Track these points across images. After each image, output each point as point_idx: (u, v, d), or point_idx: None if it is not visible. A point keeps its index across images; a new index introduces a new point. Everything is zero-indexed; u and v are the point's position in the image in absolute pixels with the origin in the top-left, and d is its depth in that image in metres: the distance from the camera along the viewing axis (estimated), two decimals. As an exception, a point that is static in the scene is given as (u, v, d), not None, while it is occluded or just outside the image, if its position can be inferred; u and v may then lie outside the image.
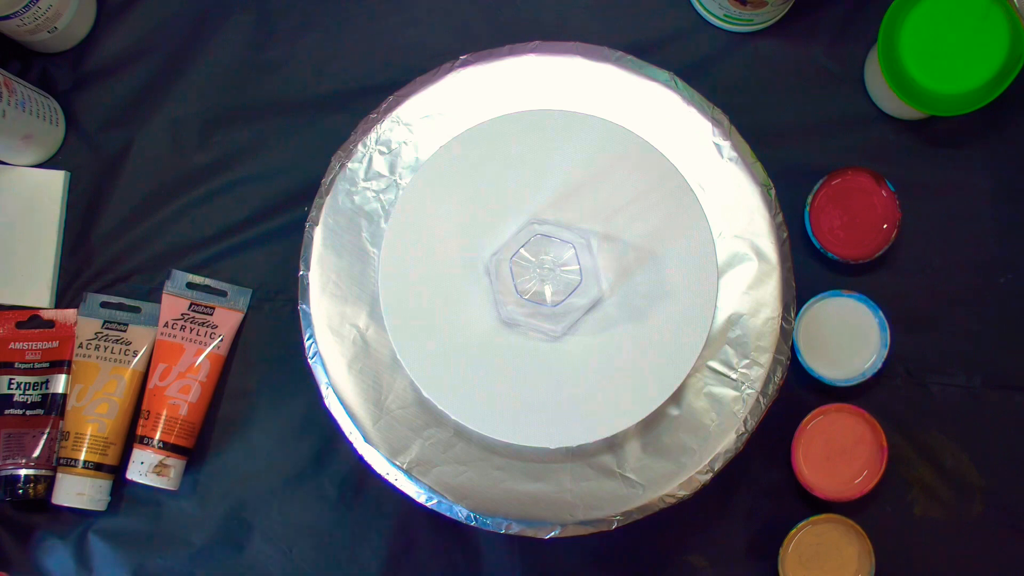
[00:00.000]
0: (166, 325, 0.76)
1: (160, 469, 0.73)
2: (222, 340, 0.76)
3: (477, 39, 0.75)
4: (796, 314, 0.70)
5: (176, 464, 0.74)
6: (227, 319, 0.77)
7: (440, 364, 0.65)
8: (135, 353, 0.76)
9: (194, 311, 0.76)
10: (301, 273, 0.70)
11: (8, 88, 0.72)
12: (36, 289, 0.78)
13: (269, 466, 0.77)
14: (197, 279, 0.78)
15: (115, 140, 0.79)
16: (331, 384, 0.68)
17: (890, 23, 0.70)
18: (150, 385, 0.75)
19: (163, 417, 0.74)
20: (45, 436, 0.75)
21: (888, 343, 0.72)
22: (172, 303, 0.77)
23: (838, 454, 0.72)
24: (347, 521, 0.76)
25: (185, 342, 0.76)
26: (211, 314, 0.77)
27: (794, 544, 0.72)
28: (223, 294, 0.78)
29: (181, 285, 0.77)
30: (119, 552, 0.76)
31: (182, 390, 0.75)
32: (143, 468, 0.73)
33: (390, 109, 0.70)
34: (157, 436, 0.74)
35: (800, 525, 0.72)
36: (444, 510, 0.68)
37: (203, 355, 0.76)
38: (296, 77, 0.79)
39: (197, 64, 0.79)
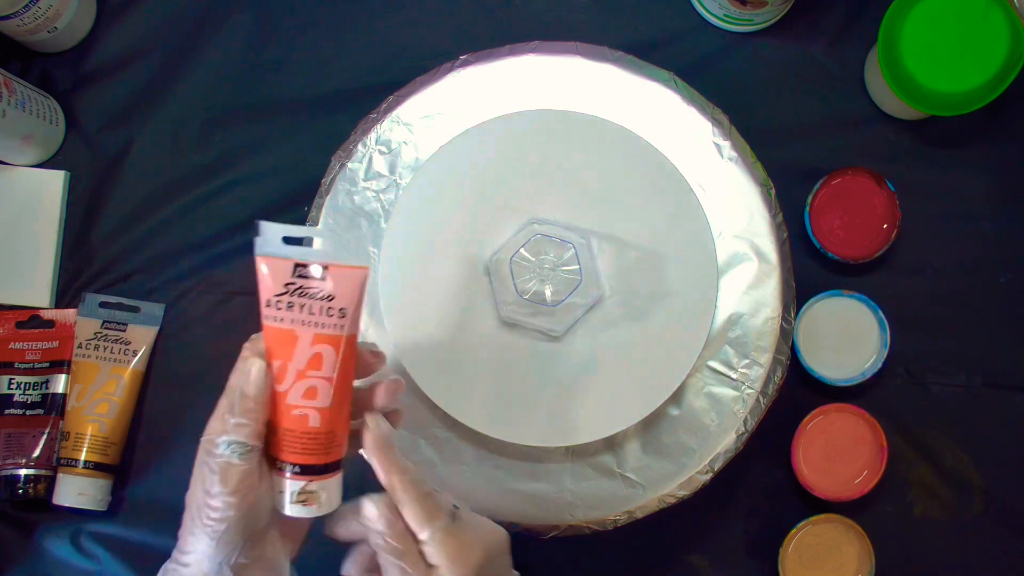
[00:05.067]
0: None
1: (306, 497, 0.54)
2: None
3: (477, 39, 0.75)
4: (796, 314, 0.70)
5: (322, 486, 0.54)
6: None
7: (440, 364, 0.65)
8: (135, 353, 0.76)
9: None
10: (301, 273, 0.70)
11: (8, 88, 0.72)
12: (36, 289, 0.78)
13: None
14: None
15: (115, 140, 0.79)
16: (331, 384, 0.68)
17: (890, 23, 0.70)
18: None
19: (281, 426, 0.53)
20: (45, 436, 0.75)
21: (888, 343, 0.72)
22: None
23: (838, 454, 0.72)
24: (347, 521, 0.76)
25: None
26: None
27: (794, 544, 0.72)
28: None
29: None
30: (120, 552, 0.76)
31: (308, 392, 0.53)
32: (285, 498, 0.53)
33: (390, 109, 0.70)
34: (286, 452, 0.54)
35: (800, 525, 0.72)
36: (444, 510, 0.68)
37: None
38: (296, 77, 0.79)
39: (197, 64, 0.79)
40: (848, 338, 0.73)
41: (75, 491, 0.74)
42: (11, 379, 0.76)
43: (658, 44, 0.77)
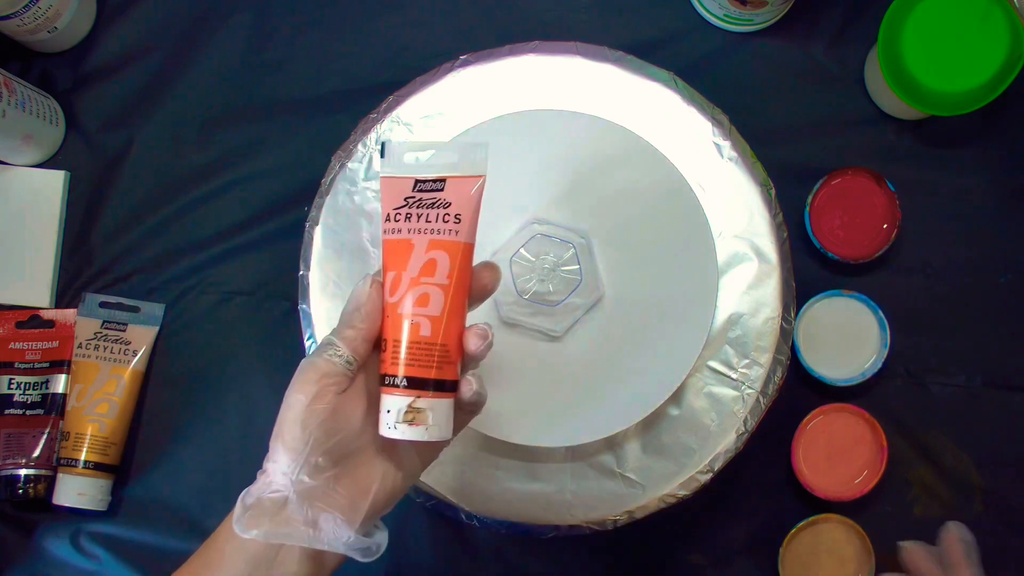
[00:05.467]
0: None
1: (414, 415, 0.51)
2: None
3: (477, 39, 0.75)
4: (796, 314, 0.70)
5: (432, 405, 0.51)
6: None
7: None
8: (135, 353, 0.76)
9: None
10: (301, 273, 0.70)
11: (8, 88, 0.72)
12: (36, 289, 0.78)
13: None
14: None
15: (115, 140, 0.79)
16: (331, 384, 0.68)
17: (890, 23, 0.70)
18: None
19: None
20: (45, 436, 0.75)
21: (888, 343, 0.72)
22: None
23: (838, 454, 0.72)
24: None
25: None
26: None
27: (794, 544, 0.72)
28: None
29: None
30: (120, 552, 0.76)
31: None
32: (391, 417, 0.51)
33: (390, 109, 0.70)
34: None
35: (800, 525, 0.71)
36: (444, 510, 0.68)
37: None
38: (296, 77, 0.79)
39: (197, 64, 0.79)
40: (848, 338, 0.73)
41: (75, 491, 0.74)
42: (11, 379, 0.76)
43: (658, 44, 0.77)
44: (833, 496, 0.72)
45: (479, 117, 0.68)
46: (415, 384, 0.51)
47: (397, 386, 0.51)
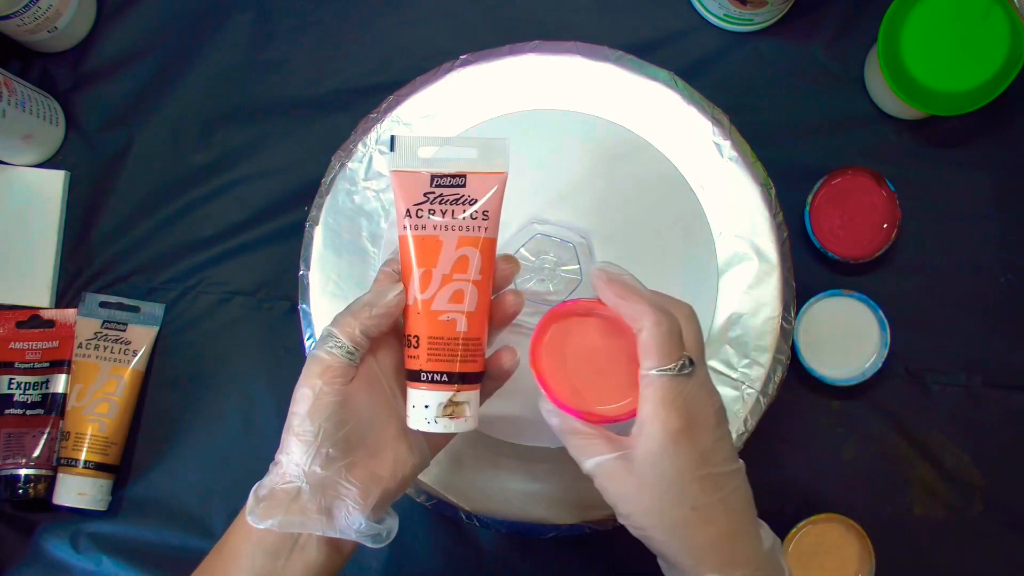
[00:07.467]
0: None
1: (453, 409, 0.52)
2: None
3: (477, 39, 0.75)
4: (796, 314, 0.70)
5: (469, 397, 0.53)
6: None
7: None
8: (135, 353, 0.76)
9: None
10: (301, 273, 0.70)
11: (8, 88, 0.72)
12: (36, 289, 0.78)
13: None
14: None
15: (115, 140, 0.79)
16: (331, 384, 0.68)
17: (890, 23, 0.70)
18: None
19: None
20: (45, 436, 0.75)
21: (888, 343, 0.72)
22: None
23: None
24: (347, 521, 0.76)
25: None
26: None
27: (794, 544, 0.72)
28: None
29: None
30: (120, 552, 0.76)
31: None
32: (431, 412, 0.52)
33: (390, 109, 0.70)
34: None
35: (800, 525, 0.71)
36: (444, 510, 0.68)
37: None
38: (296, 77, 0.79)
39: (197, 64, 0.79)
40: (848, 338, 0.73)
41: (75, 491, 0.74)
42: (11, 379, 0.76)
43: (658, 44, 0.77)
44: None
45: (479, 117, 0.68)
46: (455, 379, 0.52)
47: (437, 382, 0.51)
